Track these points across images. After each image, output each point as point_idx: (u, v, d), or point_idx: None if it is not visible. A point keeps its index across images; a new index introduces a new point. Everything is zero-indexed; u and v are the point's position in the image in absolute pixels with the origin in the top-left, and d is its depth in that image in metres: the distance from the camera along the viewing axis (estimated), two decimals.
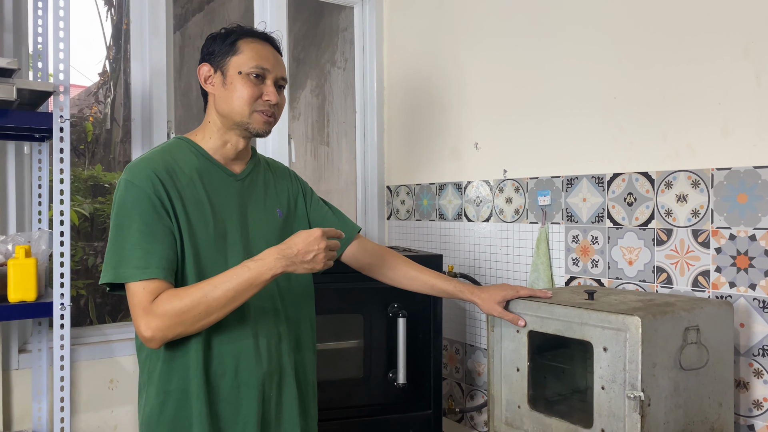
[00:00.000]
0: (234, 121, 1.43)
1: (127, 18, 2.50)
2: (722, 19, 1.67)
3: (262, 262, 1.29)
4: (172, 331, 1.28)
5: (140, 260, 1.28)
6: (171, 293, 1.28)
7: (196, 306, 1.27)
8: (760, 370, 1.60)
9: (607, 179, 1.96)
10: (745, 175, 1.63)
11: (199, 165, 1.42)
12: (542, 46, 2.18)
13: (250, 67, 1.42)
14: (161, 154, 1.40)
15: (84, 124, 3.28)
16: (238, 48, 1.43)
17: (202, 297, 1.27)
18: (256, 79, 1.43)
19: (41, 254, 1.94)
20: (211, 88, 1.45)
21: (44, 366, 2.13)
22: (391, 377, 2.04)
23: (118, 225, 1.31)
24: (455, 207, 2.57)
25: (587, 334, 1.48)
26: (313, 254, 1.30)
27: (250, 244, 1.45)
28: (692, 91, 1.74)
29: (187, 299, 1.27)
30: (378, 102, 2.96)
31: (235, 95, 1.42)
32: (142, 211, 1.30)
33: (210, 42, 1.47)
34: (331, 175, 3.09)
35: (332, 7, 3.06)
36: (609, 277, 1.96)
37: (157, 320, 1.26)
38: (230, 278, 1.28)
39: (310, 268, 1.32)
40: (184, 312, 1.26)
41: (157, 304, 1.27)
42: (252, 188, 1.50)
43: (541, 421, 1.61)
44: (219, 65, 1.44)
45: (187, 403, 1.35)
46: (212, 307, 1.28)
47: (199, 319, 1.28)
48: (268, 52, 1.47)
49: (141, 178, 1.33)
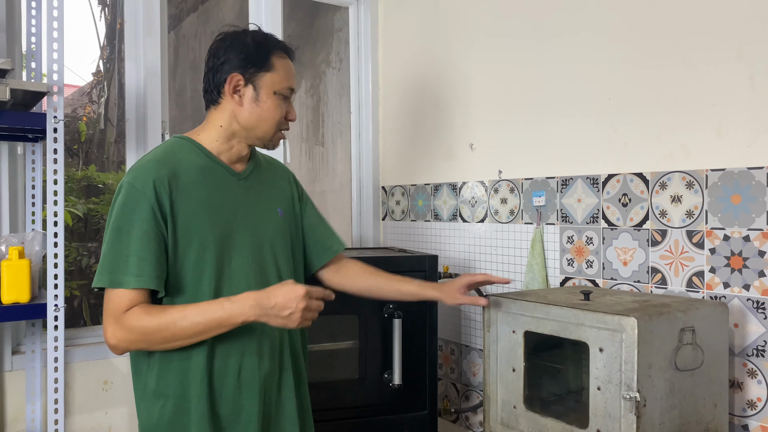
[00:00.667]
0: (255, 136, 1.45)
1: (121, 18, 2.50)
2: (716, 21, 1.68)
3: (237, 305, 1.28)
4: (135, 345, 1.30)
5: (136, 268, 1.28)
6: (144, 309, 1.28)
7: (163, 330, 1.27)
8: (754, 370, 1.61)
9: (602, 180, 1.97)
10: (739, 176, 1.63)
11: (203, 165, 1.42)
12: (537, 48, 2.18)
13: (284, 87, 1.43)
14: (165, 156, 1.39)
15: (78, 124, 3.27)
16: (272, 64, 1.42)
17: (170, 323, 1.27)
18: (284, 99, 1.45)
19: (35, 255, 1.93)
20: (237, 99, 1.43)
21: (38, 367, 2.12)
22: (386, 378, 2.04)
23: (117, 229, 1.30)
24: (450, 207, 2.57)
25: (583, 335, 1.48)
26: (290, 312, 1.27)
27: (255, 243, 1.45)
28: (687, 93, 1.75)
29: (156, 321, 1.27)
30: (373, 102, 2.96)
31: (267, 115, 1.42)
32: (142, 218, 1.30)
33: (240, 48, 1.42)
34: (326, 176, 3.09)
35: (327, 8, 3.06)
36: (604, 278, 1.96)
37: (123, 332, 1.27)
38: (202, 312, 1.28)
39: (283, 324, 1.29)
40: (150, 332, 1.27)
41: (127, 316, 1.27)
42: (254, 187, 1.50)
43: (536, 421, 1.61)
44: (252, 79, 1.42)
45: (187, 406, 1.35)
46: (178, 335, 1.28)
47: (163, 342, 1.29)
48: (293, 68, 1.48)
49: (144, 182, 1.32)
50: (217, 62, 1.43)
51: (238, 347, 1.39)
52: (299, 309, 1.27)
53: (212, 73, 1.44)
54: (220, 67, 1.42)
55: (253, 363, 1.40)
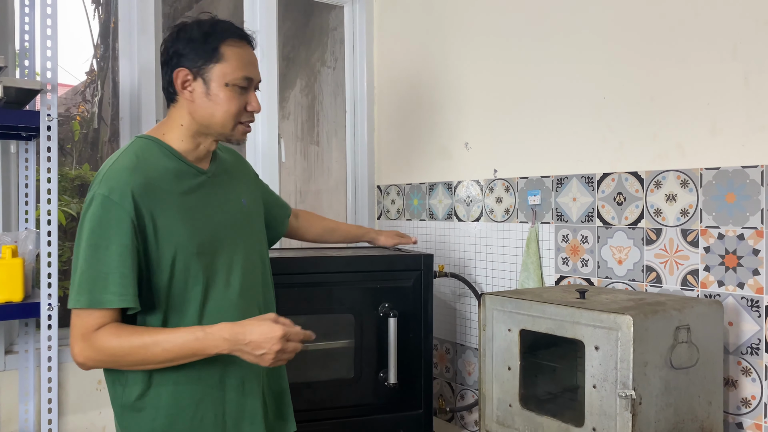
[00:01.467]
0: (215, 131, 1.37)
1: (115, 16, 2.48)
2: (711, 21, 1.68)
3: (211, 338, 1.24)
4: (104, 365, 1.26)
5: (119, 286, 1.22)
6: (115, 330, 1.23)
7: (133, 354, 1.23)
8: (749, 368, 1.62)
9: (597, 179, 1.97)
10: (733, 174, 1.64)
11: (174, 168, 1.35)
12: (532, 47, 2.19)
13: (237, 78, 1.33)
14: (137, 161, 1.30)
15: (71, 123, 3.25)
16: (221, 54, 1.32)
17: (141, 347, 1.22)
18: (241, 90, 1.35)
19: (28, 254, 1.92)
20: (188, 95, 1.35)
21: (31, 367, 2.11)
22: (381, 377, 2.03)
23: (94, 245, 1.23)
24: (446, 207, 2.57)
25: (579, 333, 1.48)
26: (263, 352, 1.23)
27: (235, 240, 1.42)
28: (681, 92, 1.75)
29: (127, 343, 1.22)
30: (368, 101, 2.96)
31: (221, 108, 1.33)
32: (121, 233, 1.23)
33: (186, 40, 1.33)
34: (321, 175, 3.08)
35: (322, 7, 3.05)
36: (599, 277, 1.97)
37: (91, 351, 1.23)
38: (175, 341, 1.23)
39: (255, 361, 1.25)
40: (120, 355, 1.23)
41: (98, 336, 1.22)
42: (221, 183, 1.45)
43: (532, 419, 1.61)
44: (200, 72, 1.32)
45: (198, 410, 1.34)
46: (148, 360, 1.24)
47: (132, 365, 1.26)
48: (250, 55, 1.37)
49: (121, 194, 1.24)
50: (167, 57, 1.36)
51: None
52: (273, 351, 1.23)
53: (164, 69, 1.37)
54: (169, 62, 1.35)
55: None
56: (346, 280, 2.03)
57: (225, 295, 1.37)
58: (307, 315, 2.05)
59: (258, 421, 1.41)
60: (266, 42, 2.68)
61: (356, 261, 2.03)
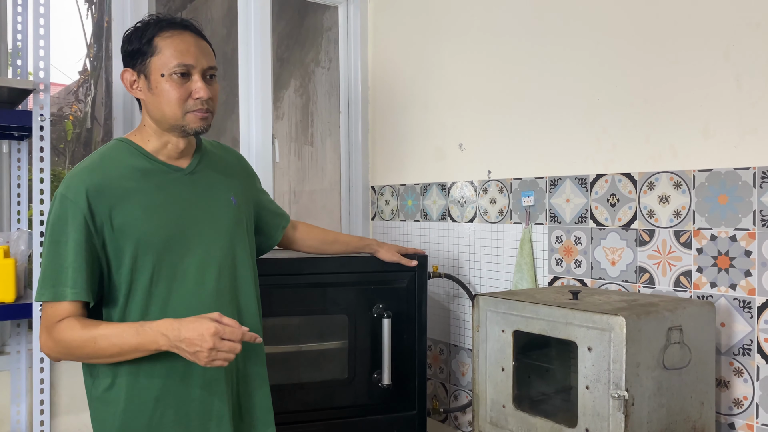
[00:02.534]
0: (169, 125, 1.37)
1: (109, 16, 2.48)
2: (703, 23, 1.69)
3: (150, 334, 1.24)
4: (63, 357, 1.30)
5: (71, 280, 1.27)
6: (72, 323, 1.27)
7: (84, 347, 1.26)
8: (741, 369, 1.63)
9: (590, 180, 1.98)
10: (725, 176, 1.65)
11: (143, 167, 1.37)
12: (526, 48, 2.19)
13: (172, 67, 1.32)
14: (101, 161, 1.35)
15: (64, 122, 3.24)
16: (155, 47, 1.33)
17: (90, 341, 1.25)
18: (182, 78, 1.33)
19: (20, 255, 1.91)
20: (139, 94, 1.38)
21: (23, 368, 2.10)
22: (375, 378, 2.03)
23: (54, 241, 1.29)
24: (440, 207, 2.58)
25: (572, 334, 1.49)
26: (196, 350, 1.21)
27: (210, 237, 1.42)
28: (674, 93, 1.76)
29: (78, 337, 1.26)
30: (362, 102, 2.96)
31: (163, 100, 1.34)
32: (75, 228, 1.28)
33: (126, 42, 1.36)
34: (315, 176, 3.08)
35: (317, 7, 3.05)
36: (592, 278, 1.97)
37: (52, 343, 1.28)
38: (120, 335, 1.25)
39: (192, 359, 1.24)
40: (73, 347, 1.27)
41: (57, 328, 1.27)
42: (203, 180, 1.46)
43: (525, 420, 1.62)
44: (141, 69, 1.35)
45: (158, 406, 1.34)
46: (98, 353, 1.27)
47: (85, 357, 1.29)
48: (188, 43, 1.35)
49: (76, 192, 1.29)
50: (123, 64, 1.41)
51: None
52: (205, 348, 1.21)
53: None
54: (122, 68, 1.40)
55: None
56: (340, 281, 2.03)
57: (196, 294, 1.38)
58: (301, 316, 2.05)
59: (225, 423, 1.41)
60: (260, 42, 2.68)
61: (350, 262, 2.03)
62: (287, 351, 2.04)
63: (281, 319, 2.04)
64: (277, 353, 1.98)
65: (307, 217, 3.03)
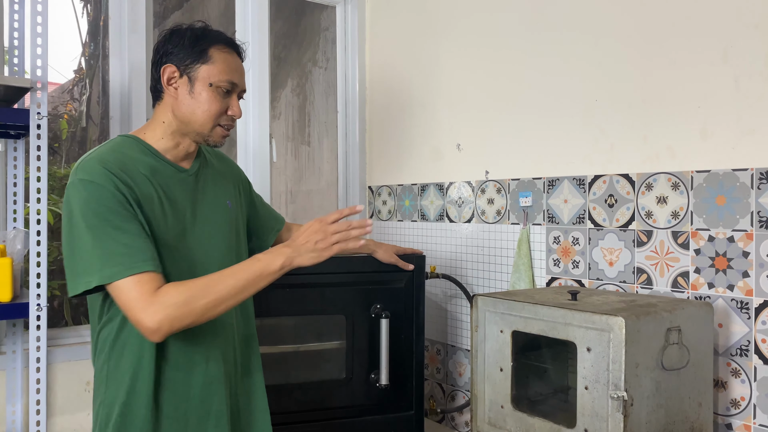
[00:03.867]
0: (193, 130, 1.40)
1: (105, 14, 2.47)
2: (702, 24, 1.69)
3: (269, 256, 1.31)
4: (180, 322, 1.23)
5: (125, 257, 1.22)
6: (174, 284, 1.25)
7: (207, 291, 1.24)
8: (738, 369, 1.63)
9: (588, 181, 1.98)
10: (723, 177, 1.65)
11: (152, 165, 1.37)
12: (524, 48, 2.19)
13: (222, 80, 1.38)
14: (112, 153, 1.33)
15: (59, 121, 3.22)
16: (209, 56, 1.37)
17: (211, 282, 1.25)
18: (224, 93, 1.39)
19: (16, 254, 1.90)
20: (173, 91, 1.39)
21: (19, 368, 2.08)
22: (373, 378, 2.03)
23: (88, 226, 1.23)
24: (437, 208, 2.58)
25: (571, 335, 1.49)
26: (321, 237, 1.32)
27: (207, 239, 1.43)
28: (672, 94, 1.76)
29: (195, 288, 1.24)
30: (360, 102, 2.96)
31: (202, 108, 1.37)
32: (111, 209, 1.24)
33: (177, 40, 1.38)
34: (312, 175, 3.08)
35: (314, 6, 3.04)
36: (590, 278, 1.98)
37: (164, 311, 1.21)
38: (236, 271, 1.28)
39: (316, 256, 1.33)
40: (194, 298, 1.23)
41: (162, 294, 1.22)
42: (202, 182, 1.48)
43: (524, 421, 1.62)
44: (186, 70, 1.37)
45: (156, 404, 1.34)
46: (223, 296, 1.25)
47: (208, 309, 1.25)
48: (238, 63, 1.43)
49: (98, 176, 1.26)
50: (157, 57, 1.40)
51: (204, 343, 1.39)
52: (326, 232, 1.32)
53: (153, 68, 1.41)
54: (159, 61, 1.40)
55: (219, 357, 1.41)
56: (338, 281, 2.03)
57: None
58: (298, 316, 2.05)
59: (223, 423, 1.41)
60: (258, 41, 2.67)
61: (348, 262, 2.03)
62: (285, 351, 2.03)
63: (279, 319, 2.03)
64: (275, 353, 1.98)
65: (304, 217, 3.03)
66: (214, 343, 1.41)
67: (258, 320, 1.69)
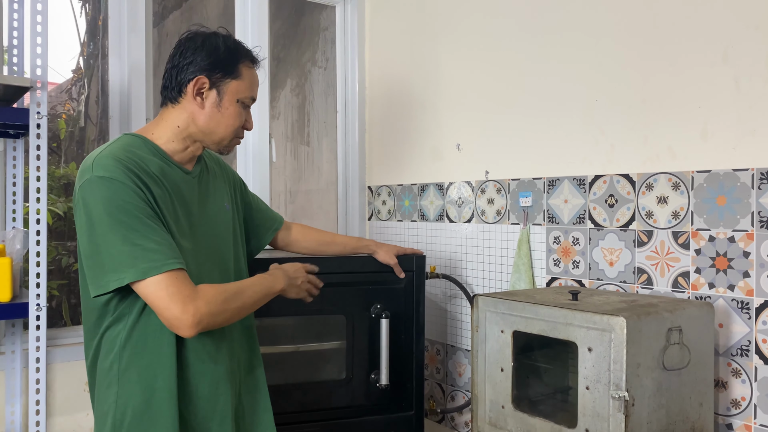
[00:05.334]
0: (212, 140, 1.43)
1: (103, 14, 2.46)
2: (702, 24, 1.70)
3: (273, 277, 1.45)
4: (215, 318, 1.27)
5: (157, 253, 1.22)
6: (209, 285, 1.30)
7: (239, 298, 1.32)
8: (739, 369, 1.63)
9: (589, 181, 1.98)
10: (724, 177, 1.65)
11: (160, 164, 1.37)
12: (524, 48, 2.19)
13: (248, 97, 1.45)
14: (124, 151, 1.31)
15: (57, 121, 3.21)
16: (240, 72, 1.42)
17: (241, 292, 1.34)
18: (245, 108, 1.46)
19: (16, 254, 1.90)
20: (199, 101, 1.39)
21: (18, 368, 2.08)
22: (373, 378, 2.03)
23: (115, 223, 1.21)
24: (437, 208, 2.57)
25: (572, 335, 1.49)
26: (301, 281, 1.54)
27: (212, 241, 1.45)
28: (672, 95, 1.77)
29: (230, 291, 1.31)
30: (359, 102, 2.95)
31: (227, 122, 1.42)
32: (137, 206, 1.24)
33: (210, 52, 1.39)
34: (312, 175, 3.08)
35: (313, 6, 3.04)
36: (590, 278, 1.98)
37: (206, 306, 1.24)
38: (254, 284, 1.39)
39: (296, 292, 1.56)
40: (229, 301, 1.29)
41: (202, 291, 1.26)
42: (204, 185, 1.50)
43: (525, 421, 1.62)
44: (217, 84, 1.40)
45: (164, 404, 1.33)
46: (247, 304, 1.35)
47: (238, 312, 1.33)
48: (257, 79, 1.49)
49: (119, 173, 1.24)
50: (184, 61, 1.39)
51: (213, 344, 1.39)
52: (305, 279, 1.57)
53: (176, 70, 1.40)
54: (186, 67, 1.38)
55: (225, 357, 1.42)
56: (338, 281, 2.02)
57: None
58: (298, 316, 2.05)
59: (227, 423, 1.41)
60: (257, 41, 2.67)
61: (348, 262, 2.03)
62: (285, 351, 2.03)
63: (279, 319, 2.03)
64: (275, 354, 1.98)
65: (303, 217, 3.02)
66: (222, 341, 1.41)
67: (258, 320, 1.69)
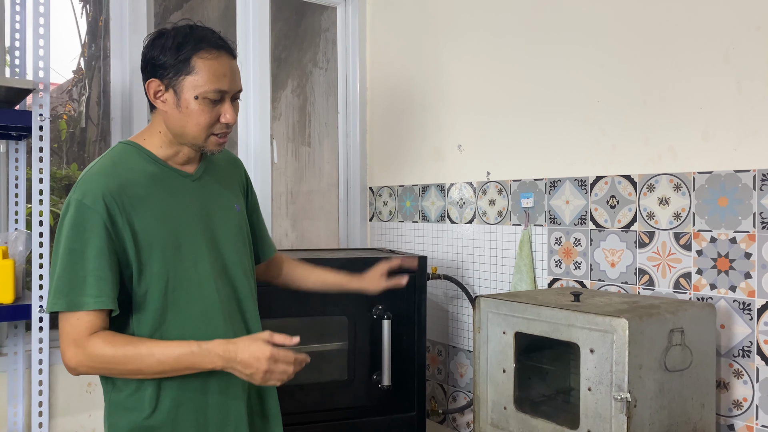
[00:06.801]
0: (187, 141, 1.36)
1: (104, 15, 2.46)
2: (704, 25, 1.70)
3: (207, 354, 1.26)
4: (95, 372, 1.27)
5: (95, 288, 1.23)
6: (109, 338, 1.24)
7: (127, 363, 1.24)
8: (740, 370, 1.63)
9: (590, 182, 1.98)
10: (725, 178, 1.66)
11: (154, 172, 1.35)
12: (526, 49, 2.20)
13: (208, 91, 1.30)
14: (113, 166, 1.31)
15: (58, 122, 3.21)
16: (192, 67, 1.29)
17: (135, 357, 1.24)
18: (213, 103, 1.32)
19: (18, 255, 1.90)
20: (161, 105, 1.33)
21: (20, 369, 2.08)
22: (375, 379, 2.03)
23: (70, 249, 1.23)
24: (438, 208, 2.58)
25: (574, 336, 1.49)
26: (252, 372, 1.26)
27: (217, 245, 1.41)
28: (674, 96, 1.77)
29: (120, 352, 1.23)
30: (360, 103, 2.96)
31: (192, 121, 1.31)
32: (96, 235, 1.24)
33: (158, 52, 1.31)
34: (313, 176, 3.08)
35: (315, 7, 3.04)
36: (591, 279, 1.98)
37: (85, 358, 1.23)
38: (171, 353, 1.25)
39: (247, 379, 1.28)
40: (113, 363, 1.24)
41: (91, 343, 1.23)
42: (208, 186, 1.45)
43: (527, 422, 1.62)
44: (171, 83, 1.30)
45: (180, 412, 1.33)
46: (142, 370, 1.25)
47: (125, 373, 1.27)
48: (225, 68, 1.32)
49: (93, 198, 1.25)
50: (143, 65, 1.35)
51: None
52: (261, 371, 1.25)
53: (142, 75, 1.36)
54: (144, 71, 1.34)
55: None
56: None
57: (211, 299, 1.37)
58: (300, 317, 2.05)
59: (242, 428, 1.40)
60: (258, 42, 2.67)
61: (350, 263, 2.03)
62: None
63: (281, 320, 2.03)
64: None
65: (304, 217, 3.03)
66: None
67: (261, 321, 1.69)
